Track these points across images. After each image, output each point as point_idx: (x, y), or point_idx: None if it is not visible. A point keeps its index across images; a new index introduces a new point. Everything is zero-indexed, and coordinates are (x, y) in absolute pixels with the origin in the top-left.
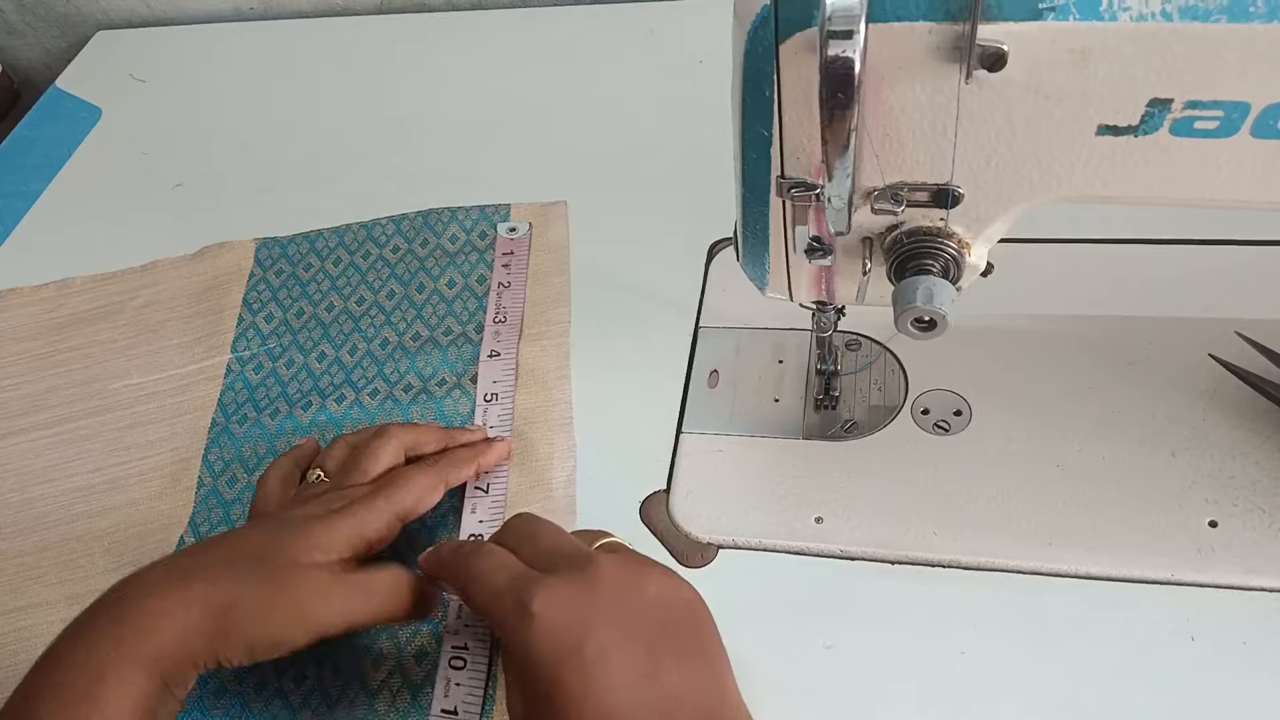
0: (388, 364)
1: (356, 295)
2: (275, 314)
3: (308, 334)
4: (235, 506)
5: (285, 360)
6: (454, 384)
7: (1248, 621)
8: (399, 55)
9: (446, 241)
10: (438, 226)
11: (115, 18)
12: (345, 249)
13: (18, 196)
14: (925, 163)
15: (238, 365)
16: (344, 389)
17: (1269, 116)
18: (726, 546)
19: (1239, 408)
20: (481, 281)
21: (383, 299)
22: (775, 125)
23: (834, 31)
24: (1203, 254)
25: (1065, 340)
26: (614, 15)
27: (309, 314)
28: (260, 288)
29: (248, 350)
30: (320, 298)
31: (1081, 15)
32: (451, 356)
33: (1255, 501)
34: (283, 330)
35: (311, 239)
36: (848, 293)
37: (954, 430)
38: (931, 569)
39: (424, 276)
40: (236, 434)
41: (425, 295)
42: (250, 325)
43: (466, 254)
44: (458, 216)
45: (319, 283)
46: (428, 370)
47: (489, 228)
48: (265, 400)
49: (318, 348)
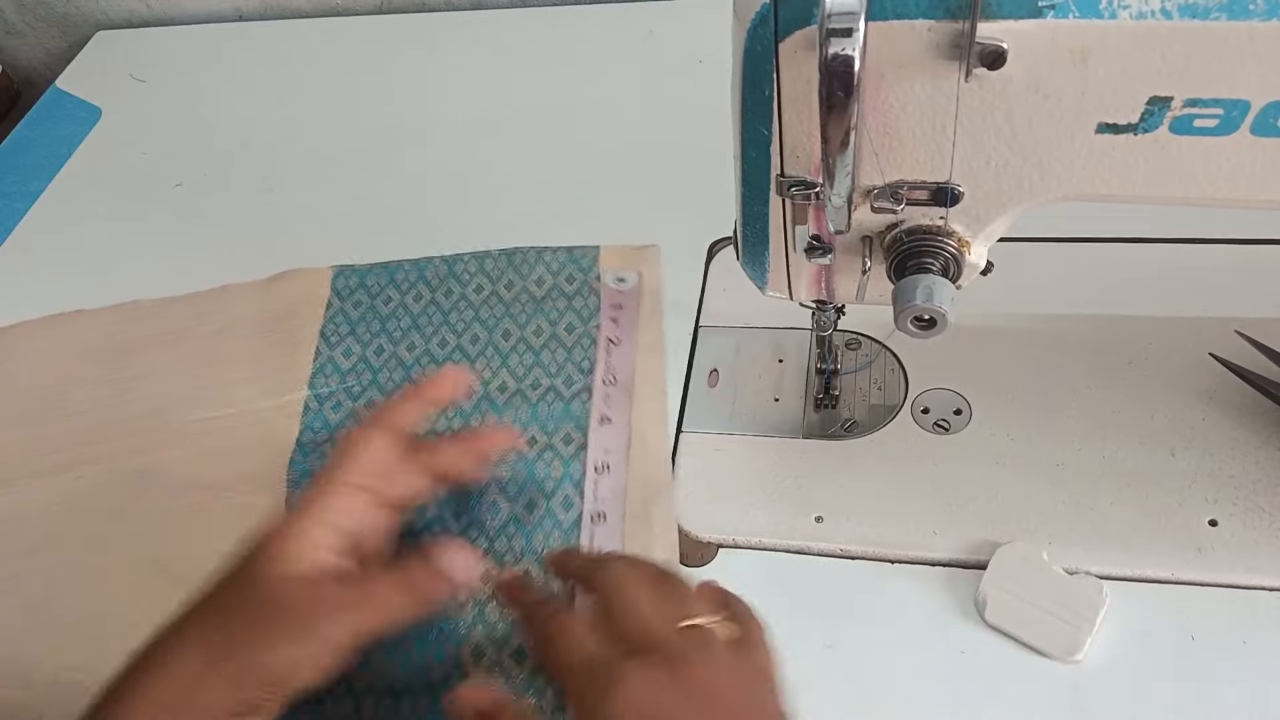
0: (474, 416)
1: (439, 336)
2: (354, 349)
3: (388, 374)
4: None
5: (365, 400)
6: (545, 445)
7: (1248, 621)
8: (399, 55)
9: (533, 284)
10: (523, 268)
11: (115, 18)
12: (426, 284)
13: (18, 196)
14: (925, 161)
15: (315, 404)
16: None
17: (1269, 114)
18: (726, 546)
19: (1239, 407)
20: (570, 330)
21: (466, 343)
22: (775, 124)
23: (834, 29)
24: (1203, 253)
25: (1065, 340)
26: (614, 15)
27: (389, 352)
28: (338, 320)
29: (326, 387)
30: (400, 335)
31: (1081, 13)
32: (542, 413)
33: (1255, 501)
34: (361, 368)
35: (390, 270)
36: (847, 291)
37: (954, 429)
38: (931, 569)
39: (510, 323)
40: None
41: (511, 343)
42: (328, 360)
43: (554, 299)
44: (544, 258)
45: (399, 319)
46: (517, 424)
47: (576, 271)
48: None
49: (399, 390)
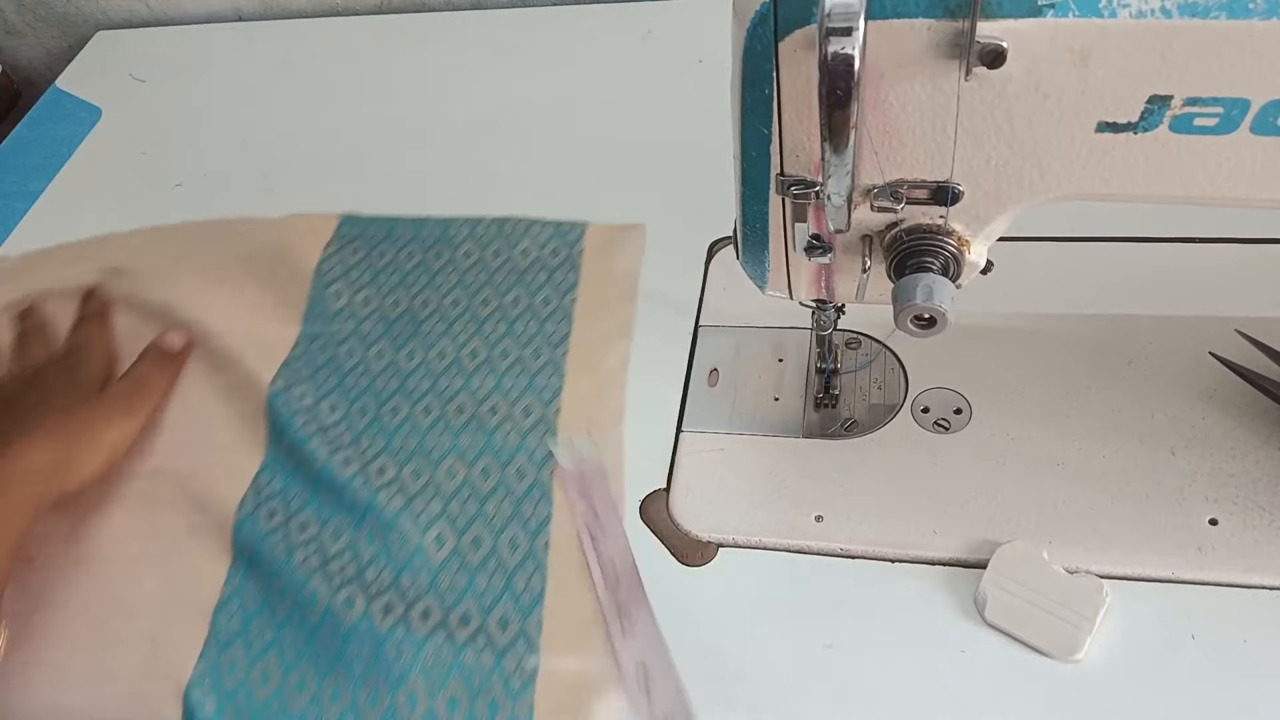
0: (443, 379)
1: (422, 296)
2: (343, 292)
3: (370, 325)
4: (296, 477)
5: (347, 348)
6: (505, 415)
7: (1248, 621)
8: (399, 55)
9: (518, 255)
10: (512, 236)
11: (115, 18)
12: (420, 243)
13: (18, 196)
14: (925, 160)
15: (305, 342)
16: (398, 399)
17: (1269, 113)
18: (726, 545)
19: (1239, 406)
20: (546, 303)
21: (447, 305)
22: (775, 123)
23: (833, 29)
24: (1202, 252)
25: (1065, 339)
26: (614, 15)
27: (375, 304)
28: (333, 260)
29: (316, 326)
30: (390, 290)
31: (1081, 12)
32: (506, 384)
33: (1255, 500)
34: (346, 314)
35: (390, 224)
36: (847, 291)
37: (954, 429)
38: (931, 568)
39: (490, 290)
40: (295, 405)
41: (488, 311)
42: (319, 298)
43: (535, 272)
44: (532, 230)
45: (389, 273)
46: (481, 392)
47: (562, 244)
48: (325, 386)
49: (377, 344)
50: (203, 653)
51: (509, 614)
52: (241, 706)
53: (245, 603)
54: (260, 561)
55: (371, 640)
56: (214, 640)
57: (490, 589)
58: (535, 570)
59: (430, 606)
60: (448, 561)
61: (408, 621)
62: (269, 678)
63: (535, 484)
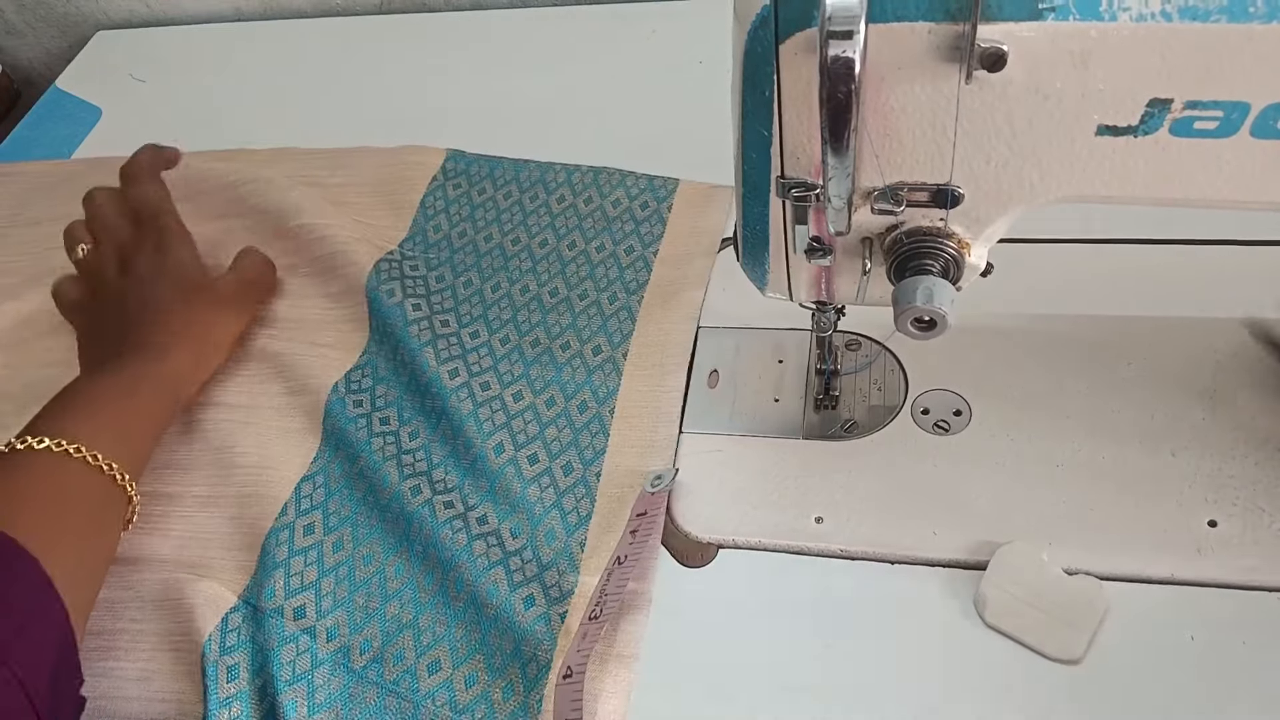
0: (522, 312)
1: (514, 235)
2: (442, 225)
3: (462, 256)
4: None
5: (437, 275)
6: (576, 351)
7: (1248, 620)
8: (399, 55)
9: (609, 205)
10: (605, 187)
11: (115, 18)
12: (518, 184)
13: None
14: (925, 163)
15: (399, 259)
16: (478, 324)
17: (1269, 116)
18: (726, 546)
19: (1239, 407)
20: (629, 252)
21: (536, 245)
22: (775, 125)
23: (834, 31)
24: (1203, 253)
25: (1065, 340)
26: (614, 15)
27: (469, 237)
28: (438, 193)
29: (412, 252)
30: (485, 225)
31: (1081, 15)
32: (580, 323)
33: (1255, 501)
34: (443, 244)
35: (492, 164)
36: (847, 292)
37: (954, 430)
38: (931, 569)
39: (578, 234)
40: (385, 304)
41: (575, 253)
42: (420, 229)
43: (623, 221)
44: (626, 182)
45: (486, 210)
46: (556, 329)
47: (652, 198)
48: (416, 312)
49: (467, 274)
50: (280, 514)
51: (555, 529)
52: (311, 562)
53: (329, 481)
54: (345, 444)
55: (431, 524)
56: (294, 507)
57: (540, 503)
58: (585, 495)
59: (486, 513)
60: (503, 469)
61: (466, 520)
62: (341, 547)
63: (595, 417)
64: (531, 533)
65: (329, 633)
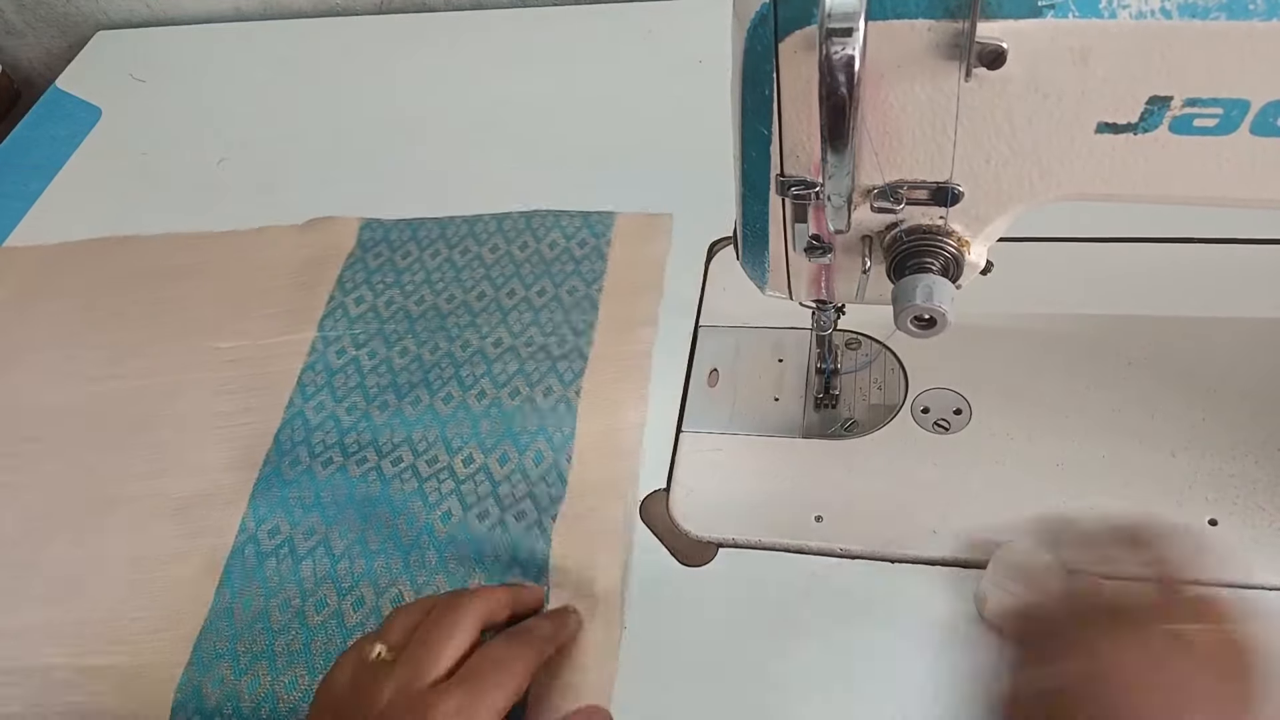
0: (465, 368)
1: (448, 293)
2: (366, 298)
3: (394, 325)
4: (293, 488)
5: (368, 350)
6: (526, 397)
7: (1247, 620)
8: (399, 55)
9: (545, 247)
10: (539, 230)
11: (115, 18)
12: (446, 242)
13: (18, 196)
14: (925, 161)
15: (322, 345)
16: (419, 390)
17: (1268, 114)
18: (726, 546)
19: (1239, 407)
20: (572, 293)
21: (472, 299)
22: (775, 124)
23: (833, 29)
24: (1203, 252)
25: (1065, 340)
26: (614, 15)
27: (398, 304)
28: (357, 268)
29: (334, 331)
30: (413, 289)
31: (1081, 13)
32: (529, 368)
33: (1255, 500)
34: (370, 316)
35: (414, 226)
36: (847, 291)
37: (954, 429)
38: (931, 568)
39: (517, 282)
40: (311, 421)
41: (514, 302)
42: (340, 305)
43: (563, 262)
44: (560, 221)
45: (414, 273)
46: (503, 378)
47: (590, 235)
48: (343, 389)
49: (401, 341)
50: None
51: (517, 575)
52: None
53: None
54: (254, 586)
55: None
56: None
57: (495, 565)
58: (541, 537)
59: (441, 585)
60: (454, 534)
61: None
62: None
63: (552, 466)
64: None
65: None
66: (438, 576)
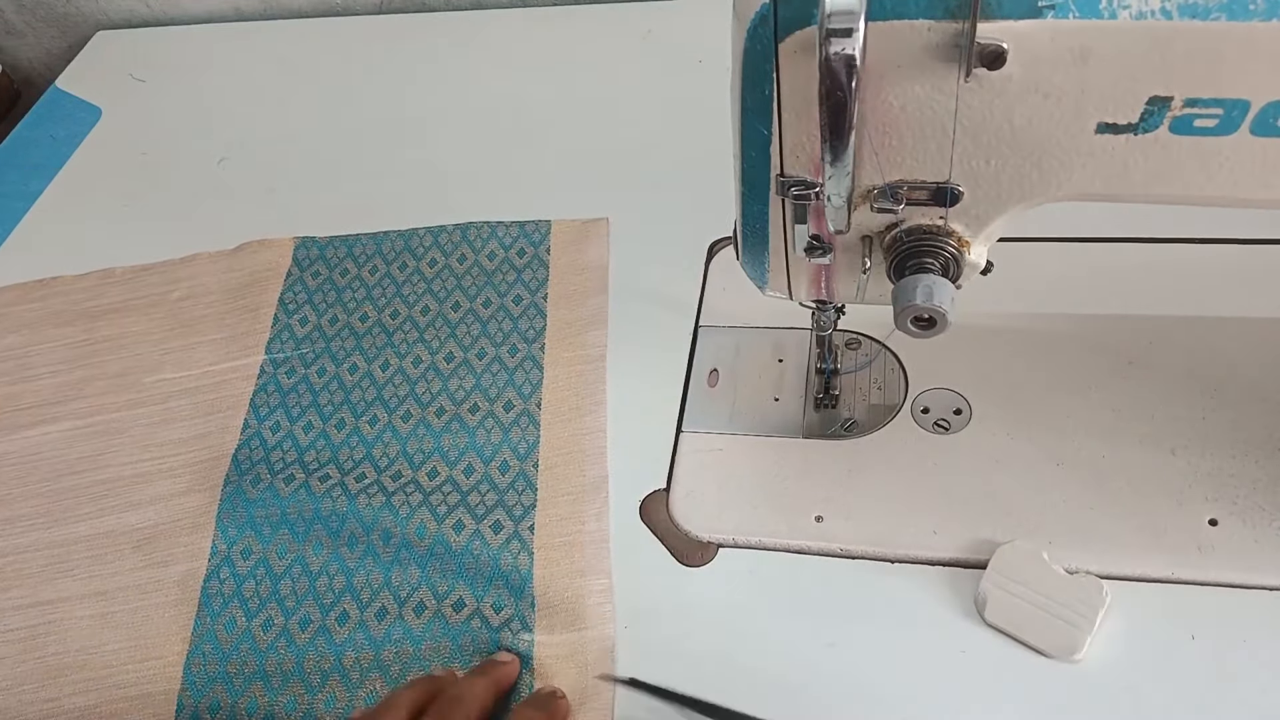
0: (419, 384)
1: (391, 308)
2: (310, 318)
3: (340, 343)
4: (258, 507)
5: (317, 368)
6: (486, 412)
7: (1248, 620)
8: (399, 55)
9: (484, 258)
10: (476, 242)
11: (115, 18)
12: (382, 257)
13: (18, 196)
14: (925, 161)
15: (271, 367)
16: (376, 409)
17: (1269, 114)
18: (726, 546)
19: (1239, 407)
20: (518, 302)
21: (417, 314)
22: (775, 124)
23: (833, 29)
24: (1203, 253)
25: (1065, 340)
26: (614, 15)
27: (343, 322)
28: (297, 289)
29: (281, 353)
30: (355, 306)
31: (1081, 13)
32: (485, 381)
33: (1255, 500)
34: (316, 336)
35: (349, 243)
36: (847, 291)
37: (954, 429)
38: (931, 568)
39: (460, 294)
40: (267, 440)
41: (460, 314)
42: (285, 327)
43: (505, 272)
44: (497, 232)
45: (354, 290)
46: (460, 393)
47: (528, 244)
48: (297, 409)
49: (350, 358)
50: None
51: (502, 599)
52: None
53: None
54: (233, 608)
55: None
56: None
57: (477, 578)
58: (521, 550)
59: (424, 598)
60: (433, 547)
61: (401, 613)
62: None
63: (520, 474)
64: (478, 604)
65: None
66: (421, 589)
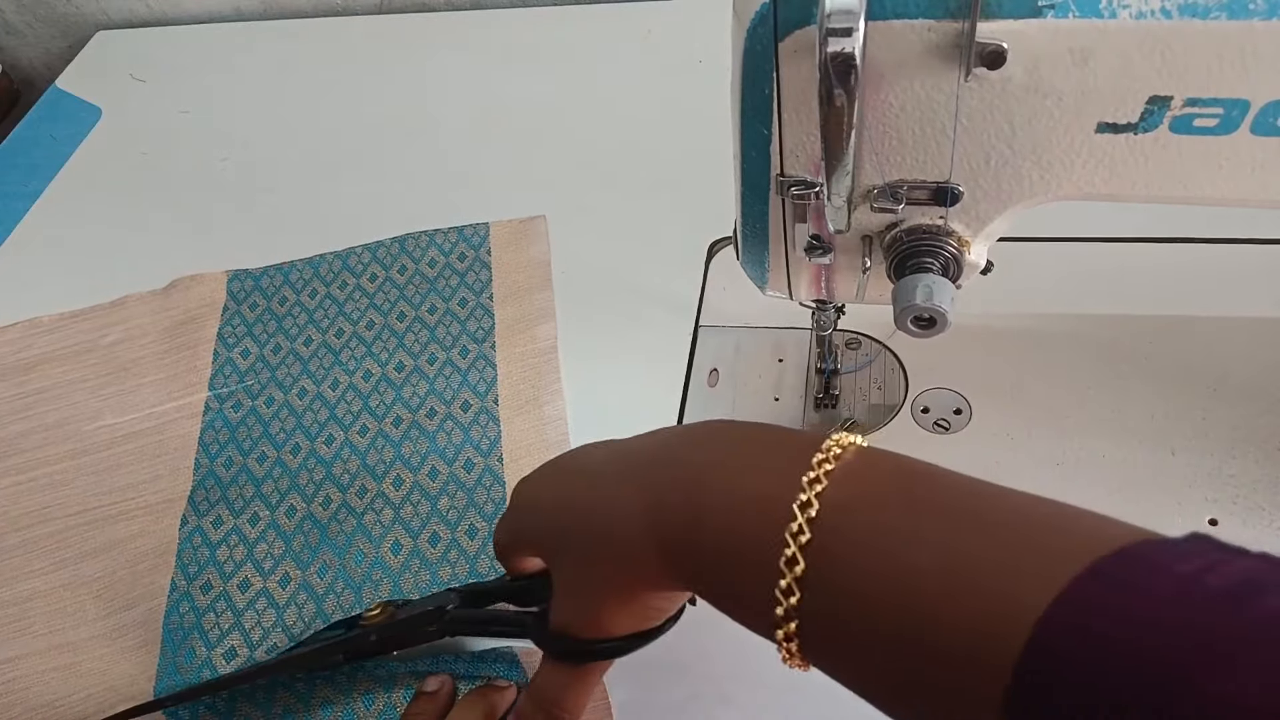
0: (372, 397)
1: (335, 328)
2: (251, 349)
3: (286, 370)
4: (221, 548)
5: (265, 398)
6: (444, 415)
7: None
8: (399, 55)
9: (425, 266)
10: (415, 251)
11: (115, 18)
12: (320, 280)
13: (18, 196)
14: (925, 161)
15: (216, 403)
16: (330, 427)
17: (1268, 114)
18: None
19: (1239, 406)
20: (464, 305)
21: (362, 329)
22: (775, 123)
23: (833, 29)
24: (1202, 253)
25: (1065, 340)
26: (613, 15)
27: (286, 349)
28: (235, 322)
29: (225, 387)
30: (297, 332)
31: (1081, 13)
32: (440, 386)
33: (1255, 500)
34: (260, 367)
35: (285, 270)
36: (847, 291)
37: (954, 429)
38: None
39: (404, 305)
40: (223, 478)
41: (406, 324)
42: (226, 361)
43: (446, 277)
44: (435, 239)
45: (295, 316)
46: (415, 400)
47: (468, 248)
48: (249, 442)
49: (297, 384)
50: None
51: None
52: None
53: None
54: (193, 640)
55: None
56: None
57: (455, 578)
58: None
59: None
60: (408, 562)
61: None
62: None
63: (486, 470)
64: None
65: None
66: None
